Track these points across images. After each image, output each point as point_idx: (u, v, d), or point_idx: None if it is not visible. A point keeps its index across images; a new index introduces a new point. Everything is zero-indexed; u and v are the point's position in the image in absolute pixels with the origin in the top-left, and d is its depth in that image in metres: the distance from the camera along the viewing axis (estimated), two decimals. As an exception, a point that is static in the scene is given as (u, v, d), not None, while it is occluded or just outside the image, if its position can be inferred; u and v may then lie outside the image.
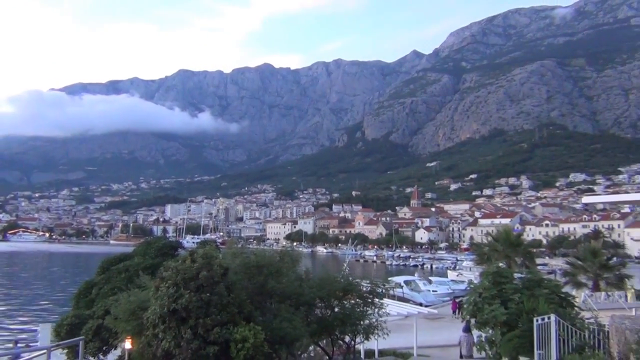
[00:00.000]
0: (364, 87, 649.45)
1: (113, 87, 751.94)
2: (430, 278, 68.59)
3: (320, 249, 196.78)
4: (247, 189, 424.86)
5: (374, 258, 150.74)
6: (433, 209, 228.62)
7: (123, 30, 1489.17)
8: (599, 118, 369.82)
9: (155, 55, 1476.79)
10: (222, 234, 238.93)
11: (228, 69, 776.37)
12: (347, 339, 14.83)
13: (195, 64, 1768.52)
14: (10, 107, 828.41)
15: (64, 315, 19.11)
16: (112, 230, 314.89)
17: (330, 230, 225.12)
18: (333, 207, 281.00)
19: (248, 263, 12.75)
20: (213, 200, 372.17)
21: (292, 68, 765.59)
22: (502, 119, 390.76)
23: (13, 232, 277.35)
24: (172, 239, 37.72)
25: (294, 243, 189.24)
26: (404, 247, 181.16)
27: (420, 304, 42.81)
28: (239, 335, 10.30)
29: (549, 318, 13.45)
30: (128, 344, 11.97)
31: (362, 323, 14.15)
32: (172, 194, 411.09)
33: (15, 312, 51.89)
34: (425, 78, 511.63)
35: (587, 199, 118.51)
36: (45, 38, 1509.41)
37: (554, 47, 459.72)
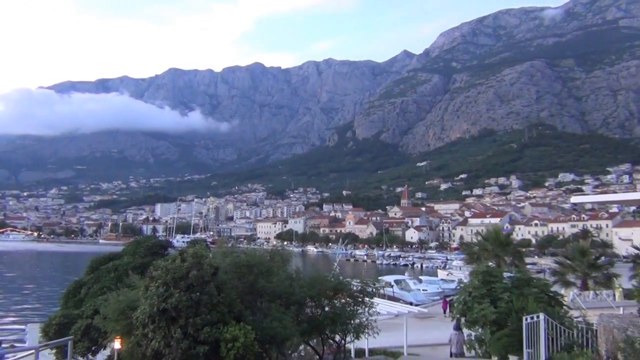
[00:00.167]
0: (355, 86, 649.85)
1: (102, 85, 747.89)
2: (421, 277, 68.81)
3: (311, 249, 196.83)
4: (237, 188, 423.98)
5: (365, 257, 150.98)
6: (423, 209, 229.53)
7: (113, 28, 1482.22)
8: (588, 118, 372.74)
9: (145, 54, 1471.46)
10: (212, 234, 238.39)
11: (219, 68, 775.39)
12: (337, 338, 14.82)
13: (186, 63, 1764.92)
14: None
15: (53, 315, 18.93)
16: (101, 230, 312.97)
17: (321, 230, 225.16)
18: (324, 206, 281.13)
19: (238, 262, 12.70)
20: (203, 200, 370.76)
21: (282, 67, 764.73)
22: (492, 119, 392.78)
23: (1, 231, 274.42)
24: (162, 238, 37.55)
25: (285, 242, 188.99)
26: (394, 246, 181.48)
27: (411, 303, 42.91)
28: (229, 335, 10.27)
29: (538, 317, 13.54)
30: (117, 344, 11.89)
31: (352, 322, 14.15)
32: (162, 193, 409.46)
33: (3, 312, 51.41)
34: (416, 78, 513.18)
35: (575, 199, 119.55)
36: (34, 35, 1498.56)
37: (544, 47, 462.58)
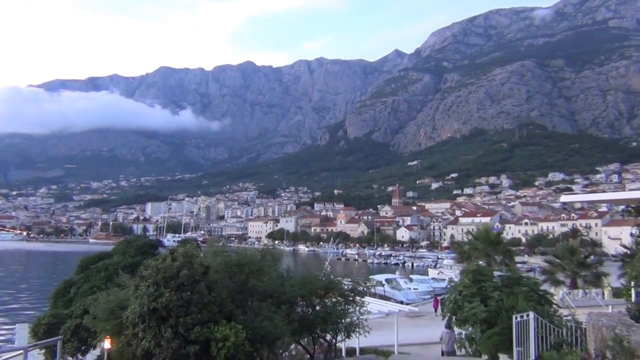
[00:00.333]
0: (346, 85, 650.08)
1: (92, 83, 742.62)
2: (411, 276, 69.12)
3: (302, 248, 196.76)
4: (228, 187, 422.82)
5: (356, 256, 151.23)
6: (414, 208, 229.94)
7: (103, 26, 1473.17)
8: (578, 118, 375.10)
9: (136, 52, 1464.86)
10: (203, 233, 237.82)
11: (210, 67, 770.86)
12: (328, 337, 14.83)
13: (177, 61, 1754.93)
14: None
15: (42, 315, 18.80)
16: (91, 229, 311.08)
17: (312, 229, 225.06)
18: (315, 205, 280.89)
19: (229, 262, 12.67)
20: (194, 199, 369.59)
21: (274, 66, 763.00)
22: (482, 119, 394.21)
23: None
24: (152, 238, 37.42)
25: (276, 241, 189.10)
26: (386, 245, 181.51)
27: (401, 302, 43.07)
28: (220, 334, 10.24)
29: (528, 315, 13.61)
30: (107, 344, 11.83)
31: (343, 321, 14.16)
32: (152, 192, 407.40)
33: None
34: (407, 77, 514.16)
35: (565, 198, 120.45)
36: (24, 33, 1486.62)
37: (534, 47, 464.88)
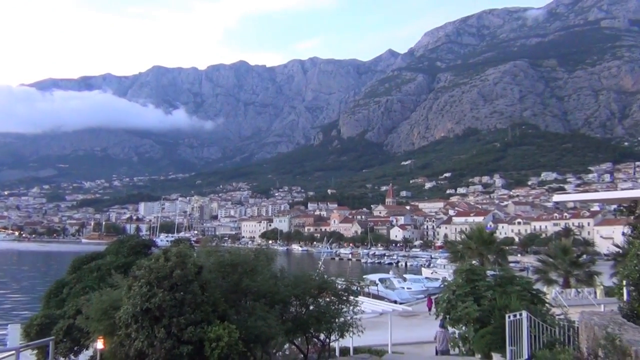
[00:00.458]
0: (340, 85, 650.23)
1: (85, 83, 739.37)
2: (405, 276, 69.20)
3: (296, 247, 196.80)
4: (222, 187, 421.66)
5: (349, 256, 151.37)
6: (408, 207, 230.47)
7: (96, 25, 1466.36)
8: (570, 118, 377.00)
9: (129, 51, 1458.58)
10: (196, 232, 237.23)
11: (203, 66, 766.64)
12: (322, 337, 14.81)
13: (170, 61, 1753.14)
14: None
15: (34, 315, 18.70)
16: (84, 229, 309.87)
17: (306, 229, 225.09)
18: (308, 205, 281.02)
19: (222, 261, 12.64)
20: (187, 199, 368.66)
21: (267, 66, 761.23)
22: (475, 119, 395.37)
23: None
24: (145, 238, 37.27)
25: (269, 241, 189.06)
26: (379, 245, 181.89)
27: (395, 302, 43.16)
28: (213, 334, 10.22)
29: (521, 314, 13.67)
30: (100, 344, 11.79)
31: (337, 321, 14.15)
32: (145, 192, 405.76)
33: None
34: (400, 77, 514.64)
35: (558, 198, 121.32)
36: (15, 32, 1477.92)
37: (527, 47, 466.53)
